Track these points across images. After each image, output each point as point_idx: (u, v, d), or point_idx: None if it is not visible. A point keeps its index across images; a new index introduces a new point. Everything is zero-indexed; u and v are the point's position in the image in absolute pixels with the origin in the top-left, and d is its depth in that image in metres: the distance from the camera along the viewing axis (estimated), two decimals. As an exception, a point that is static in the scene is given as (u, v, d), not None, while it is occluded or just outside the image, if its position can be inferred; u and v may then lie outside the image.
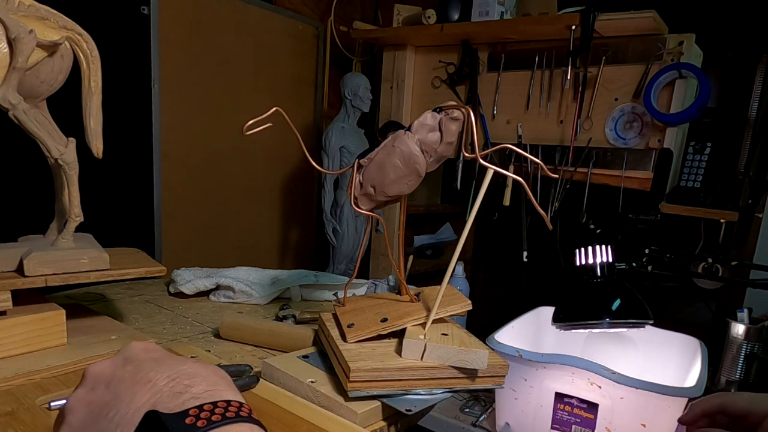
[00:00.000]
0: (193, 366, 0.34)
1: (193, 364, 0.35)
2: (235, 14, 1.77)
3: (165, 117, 1.61)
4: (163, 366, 0.34)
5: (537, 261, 1.64)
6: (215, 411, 0.30)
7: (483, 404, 1.36)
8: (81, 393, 0.34)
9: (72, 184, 0.68)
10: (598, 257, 1.01)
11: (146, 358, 0.35)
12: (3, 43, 0.57)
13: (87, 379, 0.35)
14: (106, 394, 0.33)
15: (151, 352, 0.37)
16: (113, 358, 0.36)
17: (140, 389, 0.32)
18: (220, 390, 0.32)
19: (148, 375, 0.33)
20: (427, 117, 0.62)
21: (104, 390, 0.34)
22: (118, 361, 0.36)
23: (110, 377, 0.34)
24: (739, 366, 1.22)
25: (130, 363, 0.35)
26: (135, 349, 0.37)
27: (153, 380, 0.33)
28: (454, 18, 1.63)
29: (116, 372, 0.34)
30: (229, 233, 1.90)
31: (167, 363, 0.34)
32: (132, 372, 0.34)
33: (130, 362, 0.35)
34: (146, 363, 0.34)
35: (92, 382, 0.35)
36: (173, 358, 0.36)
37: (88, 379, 0.35)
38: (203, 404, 0.30)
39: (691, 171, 1.37)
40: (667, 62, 1.35)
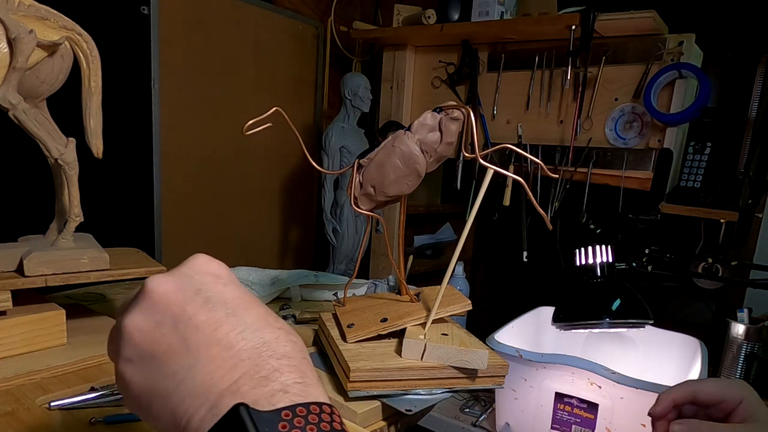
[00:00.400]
0: (279, 336, 0.29)
1: (277, 330, 0.30)
2: (235, 14, 1.77)
3: (165, 117, 1.61)
4: (246, 323, 0.29)
5: (537, 261, 1.64)
6: (309, 419, 0.25)
7: (483, 404, 1.36)
8: (140, 319, 0.29)
9: (72, 184, 0.68)
10: (598, 257, 1.01)
11: (223, 299, 0.30)
12: (3, 43, 0.57)
13: (150, 301, 0.29)
14: (172, 336, 0.28)
15: (227, 284, 0.31)
16: (180, 277, 0.31)
17: (218, 354, 0.27)
18: (308, 383, 0.28)
19: (228, 336, 0.28)
20: (427, 117, 0.62)
21: (171, 329, 0.28)
22: (188, 288, 0.30)
23: (180, 312, 0.29)
24: (739, 366, 1.22)
25: (205, 301, 0.29)
26: (206, 275, 0.31)
27: (235, 346, 0.28)
28: (454, 18, 1.63)
29: (187, 307, 0.29)
30: (229, 233, 1.90)
31: (250, 318, 0.29)
32: (207, 317, 0.29)
33: (204, 299, 0.29)
34: (224, 310, 0.29)
35: (157, 308, 0.29)
36: (254, 309, 0.30)
37: (153, 301, 0.29)
38: (296, 406, 0.26)
39: (691, 171, 1.37)
40: (667, 62, 1.35)
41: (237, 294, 0.31)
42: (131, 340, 0.29)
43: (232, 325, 0.29)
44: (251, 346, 0.28)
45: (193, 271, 0.32)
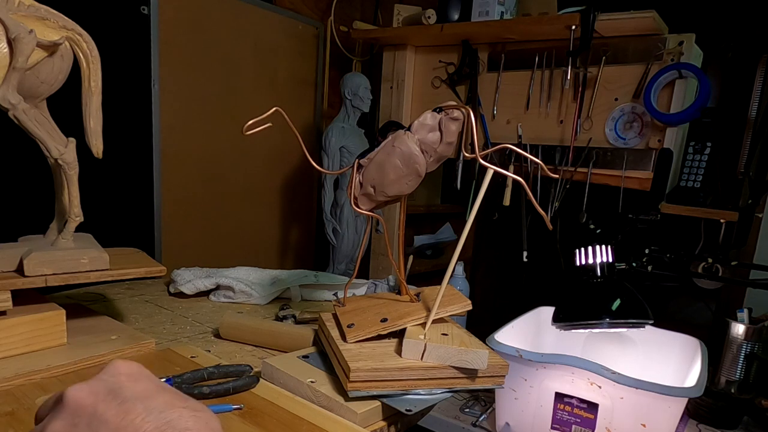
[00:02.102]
0: (183, 414, 0.32)
1: (182, 410, 0.32)
2: (235, 14, 1.77)
3: (165, 117, 1.61)
4: (149, 411, 0.32)
5: (537, 261, 1.64)
6: None
7: (483, 404, 1.36)
8: (59, 426, 0.32)
9: (72, 184, 0.68)
10: (598, 257, 1.01)
11: (133, 393, 0.33)
12: (3, 43, 0.57)
13: (67, 408, 0.32)
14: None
15: (138, 380, 0.34)
16: (94, 382, 0.34)
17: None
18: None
19: (134, 423, 0.31)
20: (427, 117, 0.62)
21: (85, 428, 0.31)
22: (100, 391, 0.33)
23: (92, 412, 0.32)
24: (739, 366, 1.22)
25: (114, 397, 0.32)
26: (119, 375, 0.34)
27: (139, 429, 0.30)
28: (454, 18, 1.63)
29: (98, 406, 0.32)
30: (229, 233, 1.90)
31: (156, 404, 0.32)
32: (116, 411, 0.31)
33: (113, 395, 0.32)
34: (132, 401, 0.32)
35: (73, 412, 0.32)
36: (162, 396, 0.33)
37: (68, 408, 0.32)
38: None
39: (691, 171, 1.37)
40: (667, 62, 1.35)
41: (146, 386, 0.34)
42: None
43: (138, 411, 0.32)
44: (155, 427, 0.31)
45: (108, 375, 0.34)
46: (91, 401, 0.32)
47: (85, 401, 0.32)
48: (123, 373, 0.34)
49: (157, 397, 0.33)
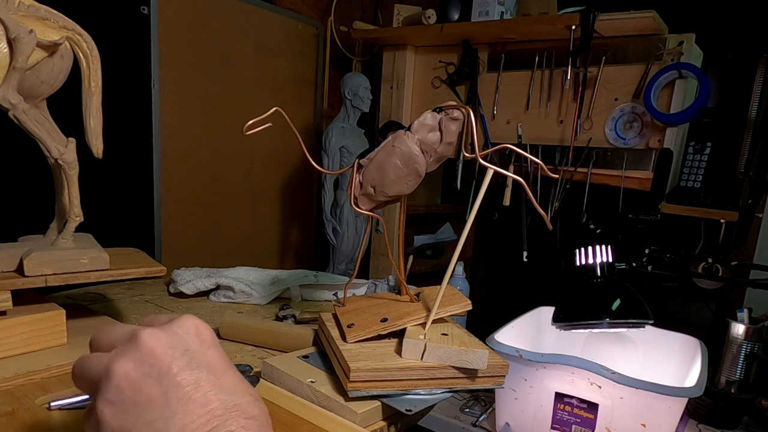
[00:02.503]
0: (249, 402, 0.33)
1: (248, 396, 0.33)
2: (235, 14, 1.77)
3: (165, 117, 1.61)
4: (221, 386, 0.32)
5: (537, 261, 1.64)
6: None
7: (483, 404, 1.36)
8: (129, 367, 0.31)
9: (72, 184, 0.68)
10: (598, 257, 1.01)
11: (205, 362, 0.33)
12: (3, 43, 0.57)
13: (140, 352, 0.32)
14: (155, 389, 0.31)
15: (209, 348, 0.34)
16: (169, 335, 0.33)
17: (194, 410, 0.30)
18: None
19: (205, 397, 0.31)
20: (427, 117, 0.62)
21: (155, 382, 0.31)
22: (176, 347, 0.33)
23: (165, 368, 0.31)
24: (739, 366, 1.22)
25: (189, 361, 0.32)
26: (193, 336, 0.34)
27: (208, 405, 0.31)
28: (454, 18, 1.63)
29: (172, 366, 0.32)
30: (229, 233, 1.90)
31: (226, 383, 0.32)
32: (188, 377, 0.31)
33: (188, 359, 0.32)
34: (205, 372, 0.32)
35: (146, 359, 0.32)
36: (230, 375, 0.34)
37: (142, 352, 0.32)
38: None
39: (691, 171, 1.37)
40: (667, 62, 1.35)
41: (218, 359, 0.34)
42: (117, 385, 0.31)
43: (211, 386, 0.32)
44: (224, 407, 0.31)
45: (183, 331, 0.34)
46: (167, 356, 0.32)
47: (160, 353, 0.32)
48: (197, 335, 0.35)
49: (226, 375, 0.33)
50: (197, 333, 0.35)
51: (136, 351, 0.32)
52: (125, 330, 0.34)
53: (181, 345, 0.33)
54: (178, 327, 0.34)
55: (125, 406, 0.31)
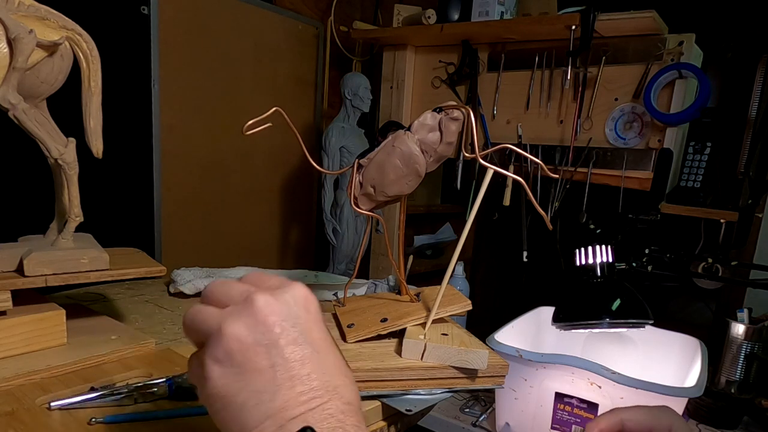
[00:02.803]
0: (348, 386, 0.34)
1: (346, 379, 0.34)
2: (235, 14, 1.77)
3: (165, 117, 1.61)
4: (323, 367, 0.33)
5: (537, 261, 1.64)
6: None
7: (483, 404, 1.36)
8: (242, 330, 0.32)
9: (72, 184, 0.68)
10: (598, 257, 1.01)
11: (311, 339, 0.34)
12: (3, 43, 0.57)
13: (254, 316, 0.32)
14: (264, 359, 0.32)
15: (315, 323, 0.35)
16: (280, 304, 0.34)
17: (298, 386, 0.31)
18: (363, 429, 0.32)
19: (310, 375, 0.32)
20: (427, 117, 0.62)
21: (264, 352, 0.32)
22: (286, 317, 0.33)
23: (276, 339, 0.32)
24: (739, 366, 1.22)
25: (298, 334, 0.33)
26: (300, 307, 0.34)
27: (313, 383, 0.32)
28: (454, 18, 1.63)
29: (282, 338, 0.32)
30: (229, 233, 1.90)
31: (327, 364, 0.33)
32: (294, 352, 0.32)
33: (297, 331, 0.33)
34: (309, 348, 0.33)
35: (257, 324, 0.32)
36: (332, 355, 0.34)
37: (255, 316, 0.32)
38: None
39: (691, 171, 1.37)
40: (667, 62, 1.35)
41: (321, 336, 0.35)
42: (228, 346, 0.32)
43: (315, 365, 0.33)
44: (325, 388, 0.32)
45: (294, 300, 0.35)
46: (279, 327, 0.33)
47: (273, 321, 0.33)
48: (305, 306, 0.35)
49: (328, 355, 0.34)
50: (306, 305, 0.35)
51: (250, 316, 0.32)
52: (240, 289, 0.35)
53: (292, 316, 0.34)
54: (290, 296, 0.35)
55: (233, 369, 0.32)
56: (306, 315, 0.35)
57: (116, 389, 0.56)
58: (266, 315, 0.33)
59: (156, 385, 0.57)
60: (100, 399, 0.55)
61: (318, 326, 0.35)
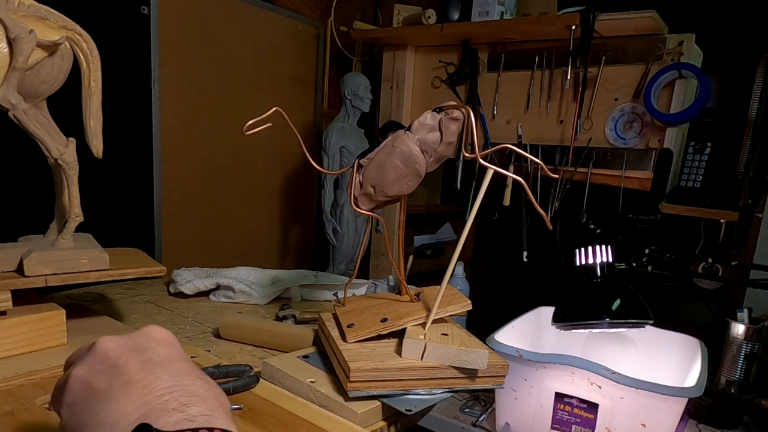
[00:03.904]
0: (195, 383, 0.32)
1: (196, 379, 0.33)
2: (235, 14, 1.77)
3: (165, 117, 1.61)
4: (166, 372, 0.32)
5: (537, 261, 1.64)
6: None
7: (483, 404, 1.36)
8: (82, 370, 0.33)
9: (72, 184, 0.68)
10: (598, 257, 1.01)
11: (157, 356, 0.34)
12: (3, 43, 0.57)
13: (93, 355, 0.34)
14: (102, 381, 0.32)
15: (165, 346, 0.35)
16: (125, 339, 0.35)
17: (134, 392, 0.31)
18: (216, 417, 0.30)
19: (147, 379, 0.32)
20: (427, 117, 0.62)
21: (103, 376, 0.32)
22: (127, 346, 0.34)
23: (114, 363, 0.33)
24: (739, 366, 1.22)
25: (139, 354, 0.33)
26: (150, 338, 0.35)
27: (149, 386, 0.31)
28: (454, 18, 1.63)
29: (120, 359, 0.33)
30: (229, 233, 1.90)
31: (171, 370, 0.33)
32: (134, 367, 0.32)
33: (139, 353, 0.34)
34: (151, 363, 0.33)
35: (97, 360, 0.34)
36: (179, 365, 0.34)
37: (95, 355, 0.34)
38: (198, 429, 0.28)
39: (691, 171, 1.37)
40: (667, 62, 1.35)
41: (171, 353, 0.35)
42: (71, 387, 0.33)
43: (156, 371, 0.32)
44: (165, 386, 0.31)
45: (140, 336, 0.36)
46: (115, 353, 0.34)
47: (111, 352, 0.34)
48: (154, 337, 0.36)
49: (177, 365, 0.34)
50: (154, 336, 0.36)
51: (90, 355, 0.34)
52: (88, 345, 0.36)
53: (133, 344, 0.34)
54: (136, 334, 0.36)
55: (78, 405, 0.33)
56: (156, 342, 0.35)
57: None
58: (104, 348, 0.34)
59: (156, 385, 0.57)
60: (100, 399, 0.55)
61: (169, 348, 0.35)
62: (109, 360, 0.33)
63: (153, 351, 0.34)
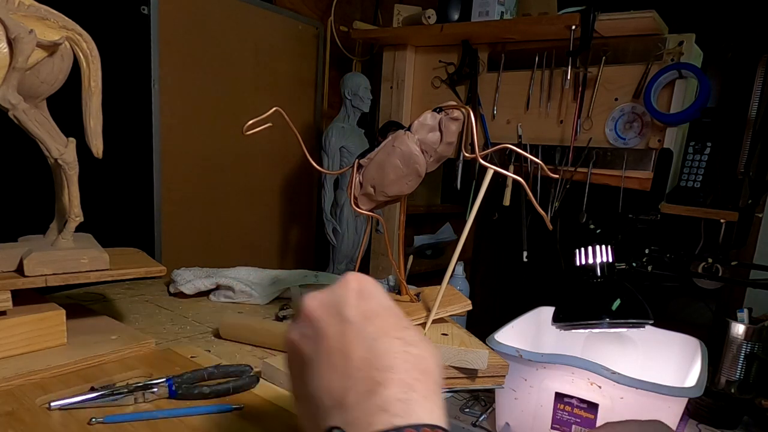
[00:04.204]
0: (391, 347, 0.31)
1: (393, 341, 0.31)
2: (235, 14, 1.77)
3: (165, 117, 1.61)
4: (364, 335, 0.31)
5: (537, 261, 1.64)
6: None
7: (483, 404, 1.36)
8: (295, 333, 0.34)
9: (72, 184, 0.68)
10: (598, 257, 1.01)
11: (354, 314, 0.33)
12: (3, 43, 0.57)
13: (302, 317, 0.34)
14: (309, 345, 0.33)
15: (364, 298, 0.34)
16: (326, 294, 0.35)
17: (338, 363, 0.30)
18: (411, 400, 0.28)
19: (344, 346, 0.31)
20: (427, 117, 0.62)
21: (311, 340, 0.33)
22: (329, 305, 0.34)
23: (318, 326, 0.33)
24: (739, 366, 1.22)
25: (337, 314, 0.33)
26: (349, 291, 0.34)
27: (349, 355, 0.30)
28: (454, 18, 1.63)
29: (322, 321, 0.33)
30: (229, 233, 1.90)
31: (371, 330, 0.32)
32: (335, 329, 0.32)
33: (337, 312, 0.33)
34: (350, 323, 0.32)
35: (305, 322, 0.34)
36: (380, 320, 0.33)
37: (303, 316, 0.34)
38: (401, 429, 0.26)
39: (691, 171, 1.37)
40: (667, 62, 1.35)
41: (369, 306, 0.34)
42: (288, 352, 0.35)
43: (352, 335, 0.32)
44: (360, 357, 0.30)
45: (340, 288, 0.36)
46: (318, 314, 0.34)
47: (314, 313, 0.34)
48: (353, 288, 0.35)
49: (374, 321, 0.33)
50: (353, 287, 0.35)
51: (299, 318, 0.35)
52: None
53: (333, 301, 0.34)
54: (337, 285, 0.36)
55: (293, 370, 0.34)
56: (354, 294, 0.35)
57: (116, 389, 0.56)
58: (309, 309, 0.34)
59: (156, 385, 0.57)
60: (100, 399, 0.55)
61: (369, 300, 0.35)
62: (313, 322, 0.33)
63: (351, 308, 0.33)
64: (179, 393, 0.57)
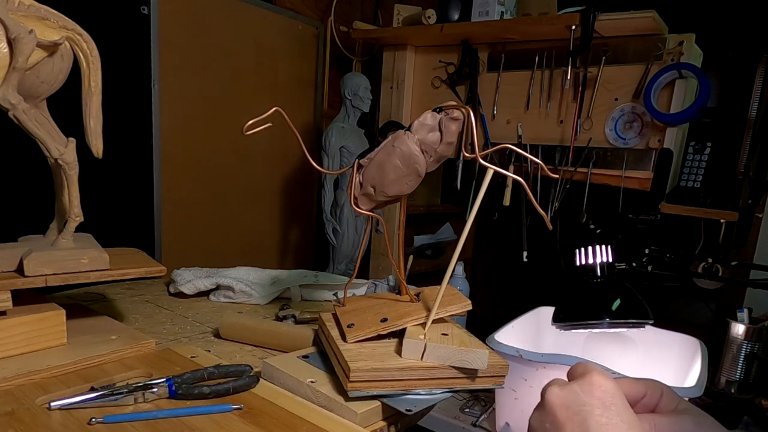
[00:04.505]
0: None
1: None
2: (235, 14, 1.77)
3: (165, 117, 1.61)
4: None
5: (537, 261, 1.64)
6: None
7: (483, 404, 1.36)
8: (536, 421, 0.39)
9: (72, 184, 0.68)
10: (598, 257, 1.01)
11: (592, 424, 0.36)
12: (3, 43, 0.57)
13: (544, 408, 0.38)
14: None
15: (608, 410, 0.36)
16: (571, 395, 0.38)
17: None
18: None
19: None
20: (427, 117, 0.62)
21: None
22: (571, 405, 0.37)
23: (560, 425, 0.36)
24: (739, 366, 1.22)
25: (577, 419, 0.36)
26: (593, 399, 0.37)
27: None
28: (454, 18, 1.63)
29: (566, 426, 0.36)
30: (229, 233, 1.90)
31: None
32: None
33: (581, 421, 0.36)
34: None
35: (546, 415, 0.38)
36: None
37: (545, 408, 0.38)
38: None
39: (691, 171, 1.37)
40: (667, 62, 1.35)
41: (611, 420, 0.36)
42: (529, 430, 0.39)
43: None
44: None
45: (583, 390, 0.38)
46: (562, 415, 0.37)
47: (557, 411, 0.37)
48: (598, 398, 0.37)
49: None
50: (598, 395, 0.37)
51: (541, 406, 0.39)
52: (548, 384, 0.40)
53: (577, 405, 0.37)
54: (579, 385, 0.38)
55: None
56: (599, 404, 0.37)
57: (116, 389, 0.56)
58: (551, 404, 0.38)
59: (156, 385, 0.57)
60: (100, 399, 0.55)
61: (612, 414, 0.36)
62: (555, 419, 0.37)
63: (594, 422, 0.36)
64: (179, 393, 0.57)
